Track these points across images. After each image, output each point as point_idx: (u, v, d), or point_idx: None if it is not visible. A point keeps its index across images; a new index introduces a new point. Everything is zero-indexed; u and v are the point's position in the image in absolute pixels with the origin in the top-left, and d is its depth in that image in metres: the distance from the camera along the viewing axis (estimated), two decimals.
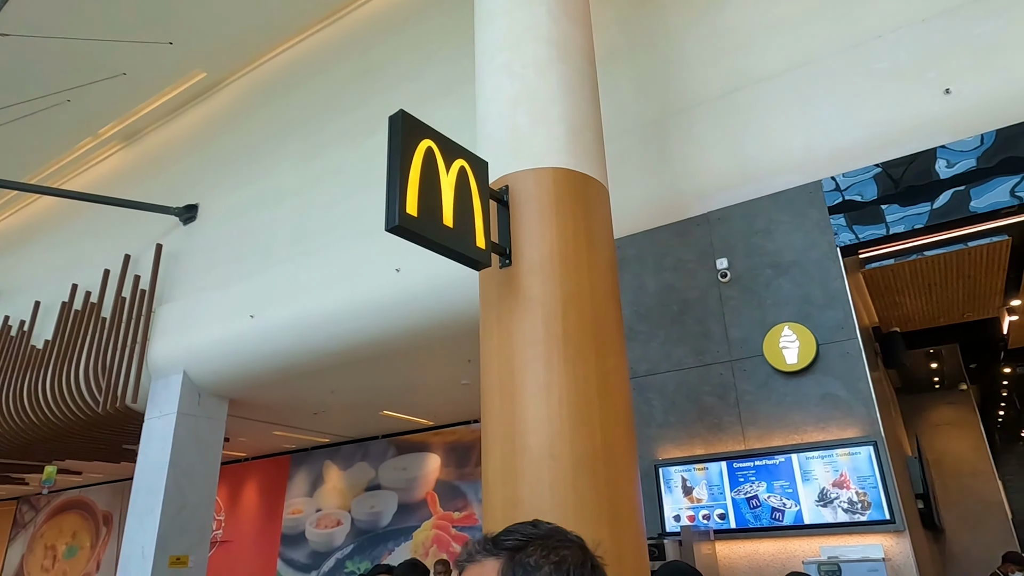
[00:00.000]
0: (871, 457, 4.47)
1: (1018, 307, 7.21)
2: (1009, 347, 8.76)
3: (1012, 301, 7.03)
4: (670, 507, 5.09)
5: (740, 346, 5.20)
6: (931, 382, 9.92)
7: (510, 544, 1.02)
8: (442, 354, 8.51)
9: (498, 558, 1.01)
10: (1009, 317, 7.49)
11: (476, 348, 3.86)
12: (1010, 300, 7.02)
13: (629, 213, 5.89)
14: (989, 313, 7.56)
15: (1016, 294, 6.87)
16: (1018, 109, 4.76)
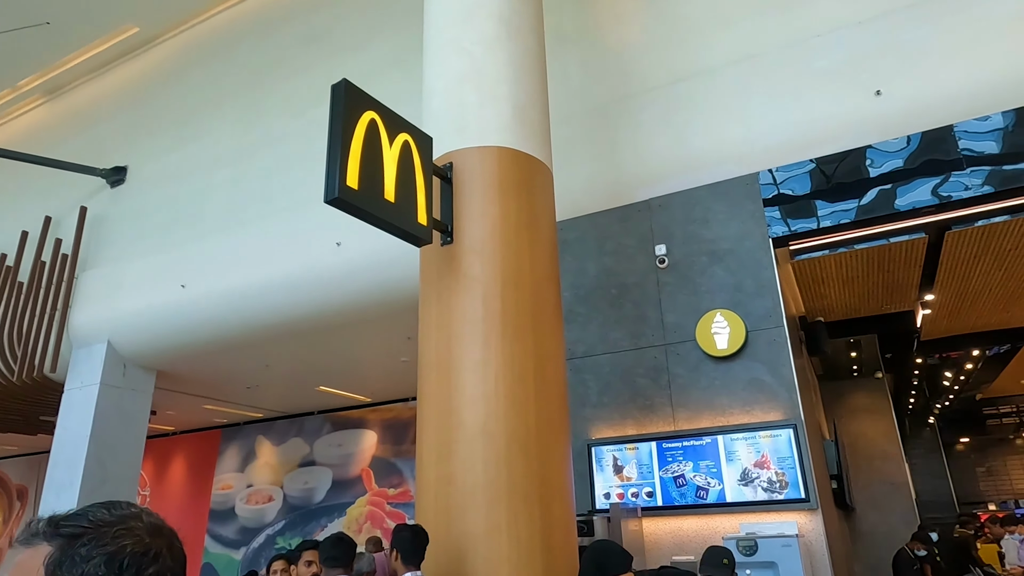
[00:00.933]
0: (791, 440, 4.70)
1: (931, 301, 7.65)
2: (922, 339, 9.31)
3: (926, 296, 7.46)
4: (601, 485, 5.22)
5: (674, 331, 5.35)
6: (850, 370, 10.46)
7: (67, 530, 0.95)
8: (381, 330, 8.43)
9: (51, 544, 0.95)
10: (923, 311, 7.95)
11: (416, 325, 3.84)
12: (924, 295, 7.44)
13: (572, 196, 5.94)
14: (905, 306, 8.00)
15: (930, 289, 7.29)
16: (942, 113, 5.01)
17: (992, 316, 8.65)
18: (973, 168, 4.82)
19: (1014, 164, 4.71)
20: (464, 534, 3.16)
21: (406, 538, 2.98)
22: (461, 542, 3.15)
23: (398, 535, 3.02)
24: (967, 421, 17.78)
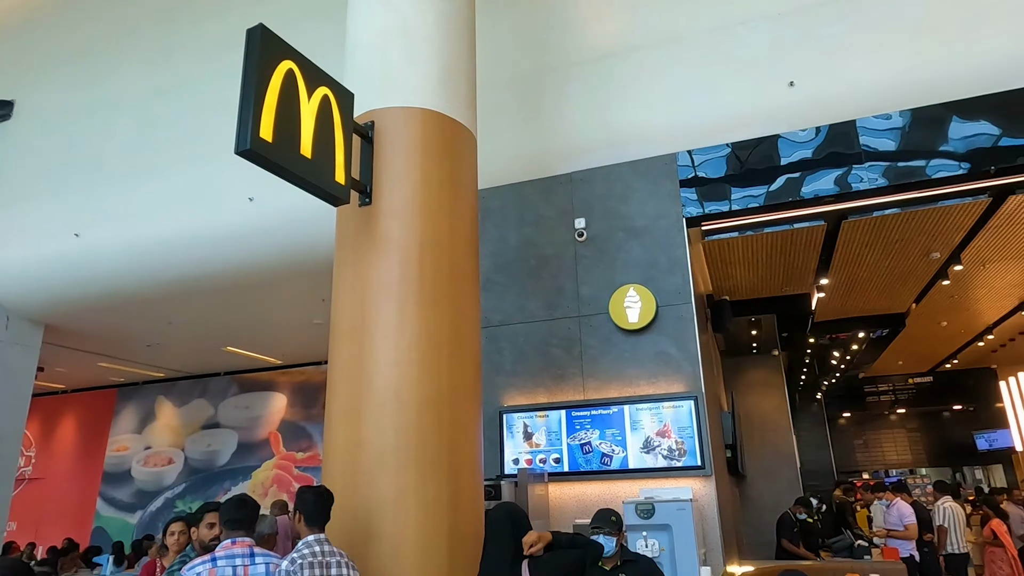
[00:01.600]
0: (692, 410, 4.94)
1: (825, 285, 8.17)
2: (815, 320, 9.96)
3: (821, 280, 7.96)
4: (510, 451, 5.34)
5: (589, 303, 5.48)
6: (750, 347, 11.07)
7: None
8: (295, 291, 8.19)
9: None
10: (818, 294, 8.48)
11: (331, 287, 3.75)
12: (820, 279, 7.94)
13: (495, 164, 5.91)
14: (802, 289, 8.52)
15: (825, 274, 7.78)
16: (849, 107, 5.30)
17: (877, 301, 9.35)
18: (871, 162, 5.14)
19: (908, 161, 5.05)
20: (372, 497, 3.15)
21: (309, 500, 2.94)
22: (368, 505, 3.14)
23: (301, 497, 2.98)
24: (849, 397, 19.25)
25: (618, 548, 3.51)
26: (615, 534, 3.46)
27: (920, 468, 19.85)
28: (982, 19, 5.12)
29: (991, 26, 5.08)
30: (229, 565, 2.78)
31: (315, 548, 2.84)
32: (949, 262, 7.52)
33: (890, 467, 19.91)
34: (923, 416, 19.69)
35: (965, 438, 18.88)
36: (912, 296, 9.09)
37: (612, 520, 3.48)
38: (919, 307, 9.54)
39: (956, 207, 6.00)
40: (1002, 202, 5.87)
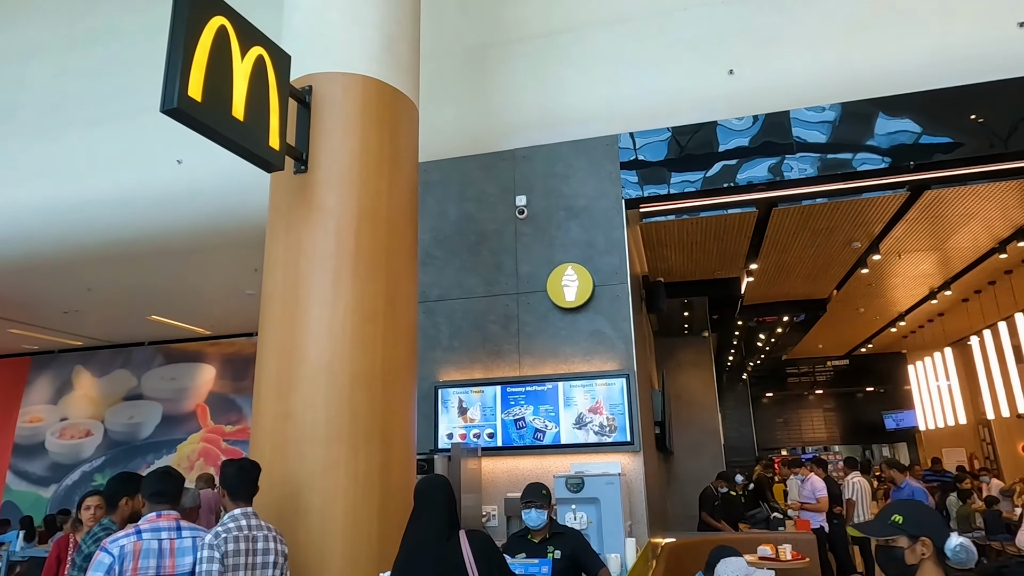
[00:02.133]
0: (623, 388, 5.07)
1: (755, 270, 8.48)
2: (744, 303, 10.35)
3: (751, 265, 8.26)
4: (445, 425, 5.35)
5: (527, 280, 5.51)
6: (682, 328, 11.42)
7: None
8: (226, 260, 7.91)
9: None
10: (747, 278, 8.80)
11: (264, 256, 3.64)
12: (750, 264, 8.24)
13: (438, 138, 5.84)
14: (733, 273, 8.82)
15: (755, 259, 8.07)
16: (784, 98, 5.46)
17: (801, 287, 9.78)
18: (802, 153, 5.33)
19: (836, 153, 5.26)
20: (301, 470, 3.11)
21: (231, 474, 2.88)
22: (297, 478, 3.10)
23: (223, 471, 2.91)
24: (773, 378, 20.18)
25: (548, 521, 3.62)
26: (545, 507, 3.57)
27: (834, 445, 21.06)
28: (909, 21, 5.35)
29: (917, 28, 5.31)
30: (155, 538, 2.70)
31: (241, 522, 2.79)
32: (869, 252, 7.92)
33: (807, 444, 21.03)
34: (839, 397, 20.86)
35: (875, 418, 20.13)
36: (834, 283, 9.55)
37: (543, 494, 3.59)
38: (839, 293, 10.04)
39: (877, 199, 6.32)
40: (919, 196, 6.22)
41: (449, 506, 2.71)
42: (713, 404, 11.69)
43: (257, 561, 2.78)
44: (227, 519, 2.79)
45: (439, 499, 2.72)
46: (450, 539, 2.63)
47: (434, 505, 2.70)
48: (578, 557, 3.63)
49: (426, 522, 2.66)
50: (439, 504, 2.70)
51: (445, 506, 2.70)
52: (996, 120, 5.01)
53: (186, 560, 2.70)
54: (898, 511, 1.87)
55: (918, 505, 1.94)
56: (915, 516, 1.85)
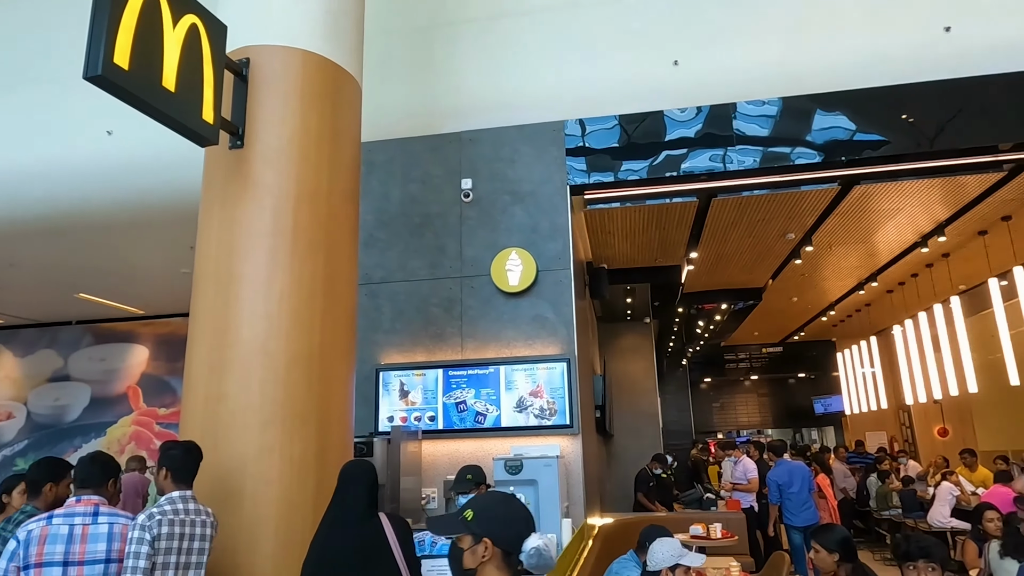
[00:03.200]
0: (564, 372, 5.14)
1: (695, 259, 8.70)
2: (685, 291, 10.61)
3: (692, 253, 8.46)
4: (386, 408, 5.32)
5: (471, 264, 5.50)
6: (624, 314, 11.63)
7: None
8: (160, 237, 7.60)
9: None
10: (687, 266, 9.01)
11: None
12: (690, 252, 8.44)
13: (382, 117, 5.75)
14: (674, 261, 9.01)
15: (695, 248, 8.27)
16: (727, 90, 5.58)
17: (739, 276, 10.09)
18: (743, 145, 5.47)
19: (775, 147, 5.42)
20: (234, 454, 3.04)
21: (177, 456, 2.81)
22: (229, 462, 3.03)
23: (168, 453, 2.83)
24: (711, 364, 20.81)
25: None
26: (473, 490, 3.68)
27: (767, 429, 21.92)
28: (844, 21, 5.53)
29: (852, 28, 5.50)
30: (66, 523, 2.60)
31: (178, 505, 2.72)
32: (802, 243, 8.22)
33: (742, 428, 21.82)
34: (772, 382, 21.68)
35: (806, 403, 21.03)
36: (769, 272, 9.89)
37: (468, 479, 3.72)
38: (774, 283, 10.40)
39: (811, 193, 6.56)
40: (849, 191, 6.48)
41: (371, 489, 2.74)
42: (653, 388, 11.97)
43: (194, 546, 2.72)
44: (163, 501, 2.72)
45: (363, 481, 2.74)
46: (370, 520, 2.65)
47: (357, 487, 2.72)
48: None
49: (348, 503, 2.68)
50: (362, 486, 2.72)
51: (367, 488, 2.73)
52: (924, 120, 5.26)
53: (98, 547, 2.60)
54: (473, 506, 1.61)
55: (500, 502, 1.65)
56: (486, 513, 1.59)
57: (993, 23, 5.29)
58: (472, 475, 3.78)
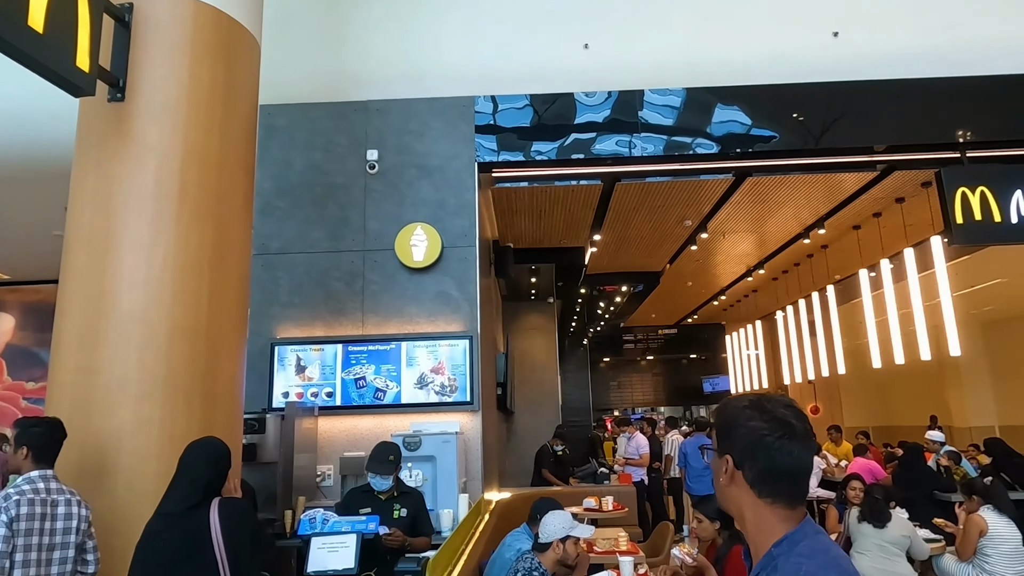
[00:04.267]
0: (466, 350, 5.15)
1: (598, 241, 8.90)
2: (588, 272, 10.86)
3: (595, 236, 8.66)
4: (281, 384, 5.14)
5: (375, 238, 5.38)
6: (529, 293, 11.78)
7: None
8: (30, 194, 6.92)
9: None
10: (591, 248, 9.22)
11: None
12: (594, 235, 8.63)
13: (284, 80, 5.48)
14: (578, 242, 9.20)
15: (598, 230, 8.47)
16: (634, 77, 5.70)
17: (639, 260, 10.44)
18: (647, 133, 5.62)
19: (678, 136, 5.60)
20: (106, 428, 2.84)
21: (40, 434, 2.59)
22: (102, 438, 2.83)
23: (28, 431, 2.60)
24: (610, 344, 21.53)
25: (394, 483, 3.73)
26: (391, 472, 3.67)
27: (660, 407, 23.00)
28: (745, 19, 5.78)
29: (752, 26, 5.75)
30: None
31: (38, 485, 2.52)
32: (698, 230, 8.60)
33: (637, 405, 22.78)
34: (666, 363, 22.73)
35: (696, 382, 22.21)
36: (667, 257, 10.29)
37: (390, 460, 3.67)
38: (672, 267, 10.85)
39: (708, 182, 6.86)
40: (742, 182, 6.83)
41: (205, 473, 2.53)
42: (554, 367, 12.24)
43: (57, 527, 2.55)
44: (21, 481, 2.52)
45: (194, 465, 2.52)
46: (198, 509, 2.47)
47: (187, 472, 2.51)
48: (415, 518, 3.77)
49: (175, 491, 2.50)
50: (192, 471, 2.50)
51: (200, 473, 2.50)
52: (812, 119, 5.59)
53: None
54: None
55: None
56: None
57: (876, 33, 5.69)
58: (394, 456, 3.75)
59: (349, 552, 3.09)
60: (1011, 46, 5.62)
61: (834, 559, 1.12)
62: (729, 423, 1.25)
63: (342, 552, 3.08)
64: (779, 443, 1.17)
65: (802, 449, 1.19)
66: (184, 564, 2.40)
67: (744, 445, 1.21)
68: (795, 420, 1.20)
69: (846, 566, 1.12)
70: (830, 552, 1.14)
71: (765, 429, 1.19)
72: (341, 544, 3.11)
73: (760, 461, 1.19)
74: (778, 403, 1.22)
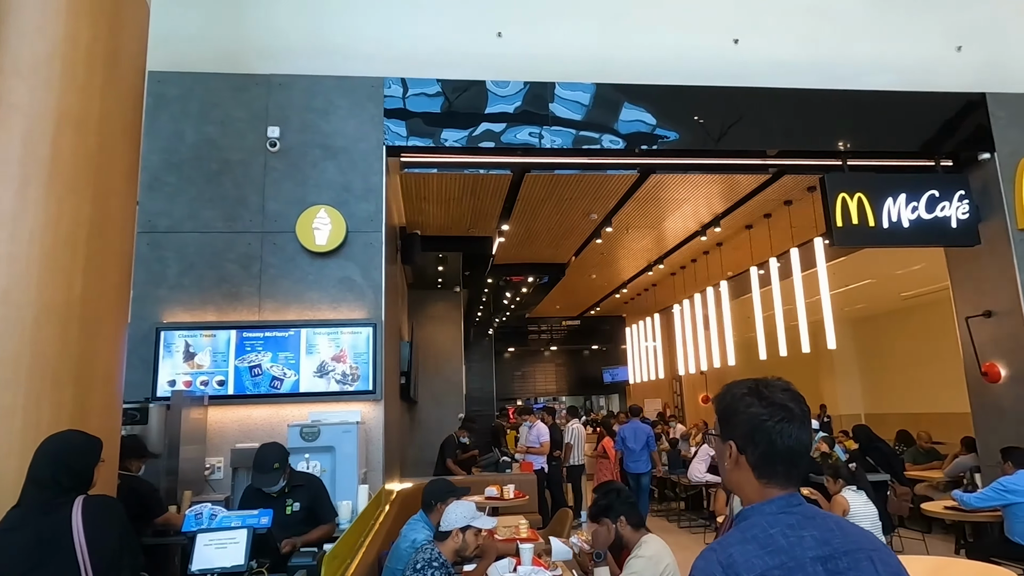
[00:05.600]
0: (370, 337, 5.01)
1: (506, 232, 8.95)
2: (495, 263, 10.90)
3: (503, 226, 8.69)
4: (167, 372, 4.81)
5: (275, 219, 5.13)
6: (436, 282, 11.68)
7: None
8: None
9: None
10: (499, 238, 9.25)
11: None
12: (502, 225, 8.66)
13: (177, 46, 5.12)
14: (487, 232, 9.20)
15: (507, 220, 8.51)
16: (546, 69, 5.72)
17: (546, 251, 10.58)
18: (558, 126, 5.66)
19: (586, 131, 5.68)
20: None
21: None
22: None
23: None
24: (515, 335, 21.78)
25: (285, 481, 3.66)
26: (278, 480, 3.61)
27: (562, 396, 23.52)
28: (653, 19, 5.94)
29: (659, 27, 5.92)
30: None
31: None
32: (603, 224, 8.82)
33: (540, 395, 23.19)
34: (569, 353, 23.26)
35: (596, 372, 22.87)
36: (573, 250, 10.50)
37: (275, 468, 3.59)
38: (577, 260, 11.08)
39: (614, 177, 7.03)
40: (646, 179, 7.05)
41: (68, 468, 2.33)
42: (459, 357, 12.21)
43: None
44: None
45: (40, 463, 2.32)
46: (57, 509, 2.27)
47: (47, 467, 2.30)
48: (313, 507, 3.67)
49: (24, 491, 2.29)
50: (53, 466, 2.29)
51: (62, 468, 2.28)
52: (712, 121, 5.84)
53: None
54: None
55: None
56: None
57: (772, 43, 6.01)
58: (279, 463, 3.60)
59: (239, 548, 2.93)
60: (887, 64, 6.10)
61: (763, 537, 1.18)
62: (730, 410, 1.30)
63: (231, 548, 2.92)
64: (779, 427, 1.23)
65: (800, 431, 1.24)
66: (37, 572, 2.16)
67: (745, 431, 1.26)
68: (792, 403, 1.26)
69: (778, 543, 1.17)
70: (767, 530, 1.20)
71: (765, 414, 1.24)
72: (230, 540, 2.95)
73: (761, 445, 1.25)
74: (776, 387, 1.28)
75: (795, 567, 1.14)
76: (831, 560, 1.16)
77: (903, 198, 5.99)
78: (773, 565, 1.14)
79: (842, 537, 1.20)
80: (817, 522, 1.21)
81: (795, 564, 1.14)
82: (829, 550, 1.17)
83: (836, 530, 1.21)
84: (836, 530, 1.21)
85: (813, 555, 1.16)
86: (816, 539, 1.18)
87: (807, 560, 1.15)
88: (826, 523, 1.22)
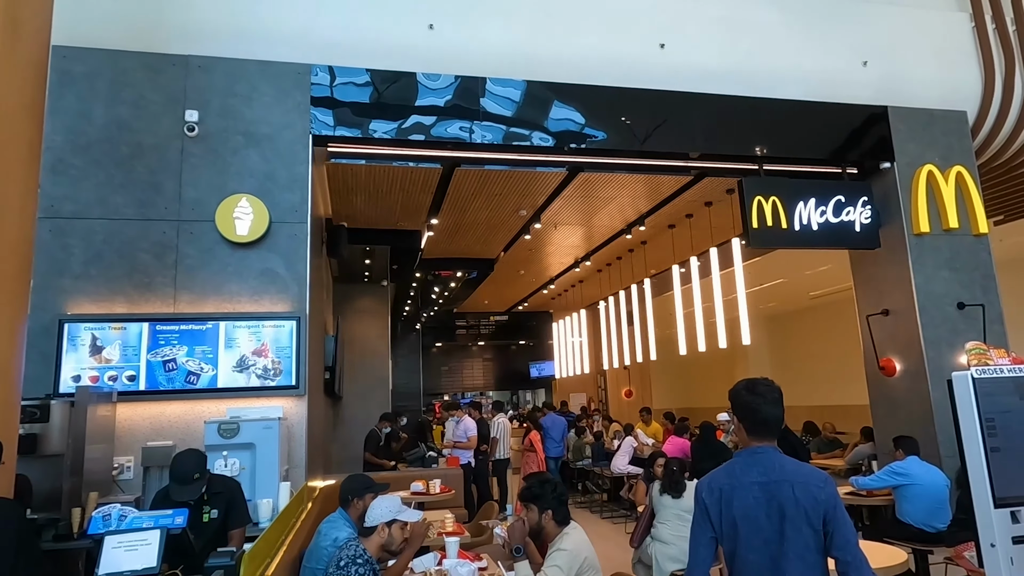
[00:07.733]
0: (293, 331, 4.88)
1: (435, 225, 8.89)
2: (423, 257, 10.81)
3: (432, 220, 8.63)
4: (71, 366, 4.53)
5: (192, 208, 4.91)
6: (362, 275, 11.46)
7: None
8: None
9: None
10: (427, 232, 9.18)
11: None
12: (431, 218, 8.60)
13: (85, 21, 4.83)
14: (415, 226, 9.12)
15: (436, 215, 8.46)
16: (478, 62, 5.72)
17: (475, 246, 10.59)
18: (488, 121, 5.67)
19: (517, 127, 5.72)
20: None
21: None
22: None
23: None
24: (443, 329, 21.65)
25: (204, 489, 3.51)
26: (199, 491, 3.45)
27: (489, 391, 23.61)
28: (584, 19, 6.02)
29: (589, 27, 6.01)
30: None
31: None
32: (532, 220, 8.90)
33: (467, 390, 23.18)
34: (496, 348, 23.37)
35: (523, 367, 23.09)
36: (502, 245, 10.54)
37: (195, 479, 3.43)
38: (506, 255, 11.13)
39: (544, 174, 7.11)
40: (574, 177, 7.16)
41: None
42: (386, 351, 12.05)
43: None
44: None
45: None
46: None
47: None
48: (227, 514, 3.55)
49: None
50: None
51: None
52: (638, 122, 5.99)
53: None
54: None
55: None
56: None
57: (696, 49, 6.22)
58: (199, 473, 3.43)
59: (151, 550, 2.80)
60: (801, 76, 6.43)
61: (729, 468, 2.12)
62: (735, 399, 2.15)
63: (142, 550, 2.79)
64: (755, 404, 2.10)
65: (768, 406, 2.09)
66: None
67: (742, 411, 2.14)
68: (765, 390, 2.11)
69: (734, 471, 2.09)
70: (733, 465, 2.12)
71: (749, 398, 2.12)
72: (141, 542, 2.82)
73: (748, 416, 2.12)
74: (760, 383, 2.14)
75: (738, 486, 2.04)
76: (766, 486, 2.01)
77: (813, 203, 6.34)
78: (729, 484, 2.07)
79: (779, 471, 2.02)
80: (764, 462, 2.05)
81: (740, 484, 2.04)
82: (765, 479, 2.02)
83: (776, 467, 2.04)
84: (776, 467, 2.04)
85: (752, 480, 2.03)
86: (759, 472, 2.04)
87: (748, 483, 2.03)
88: (771, 463, 2.05)
